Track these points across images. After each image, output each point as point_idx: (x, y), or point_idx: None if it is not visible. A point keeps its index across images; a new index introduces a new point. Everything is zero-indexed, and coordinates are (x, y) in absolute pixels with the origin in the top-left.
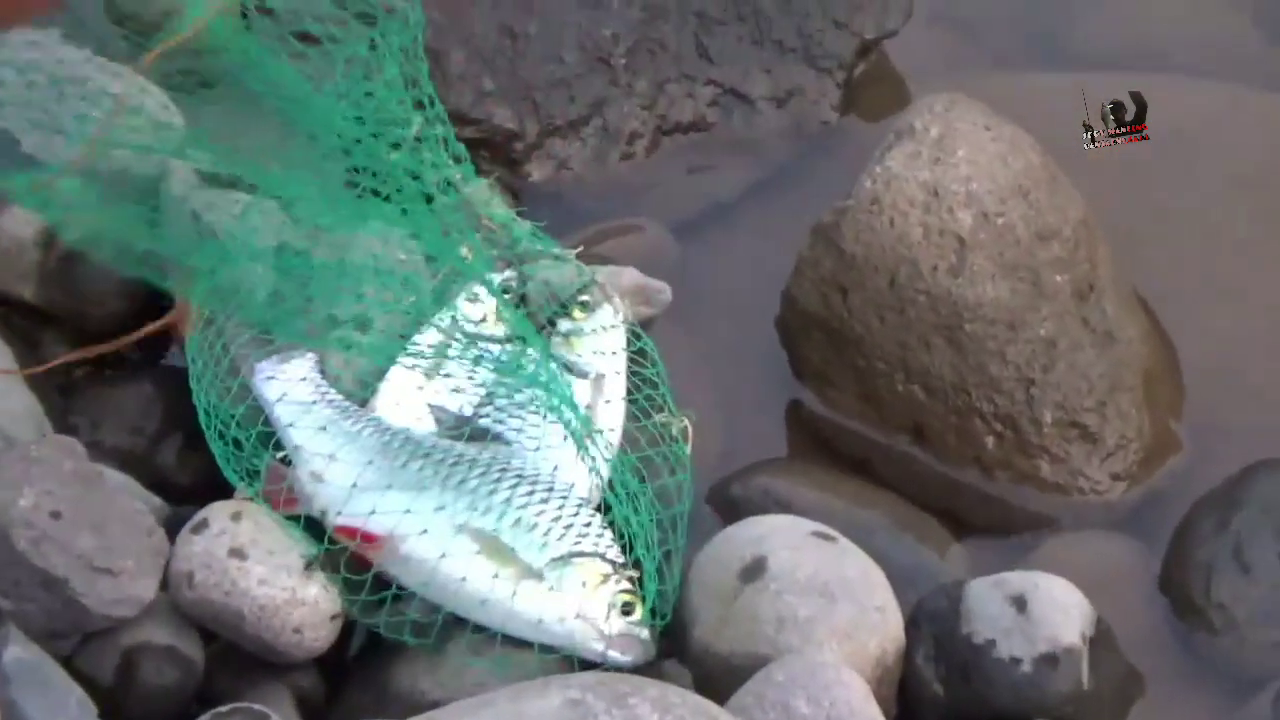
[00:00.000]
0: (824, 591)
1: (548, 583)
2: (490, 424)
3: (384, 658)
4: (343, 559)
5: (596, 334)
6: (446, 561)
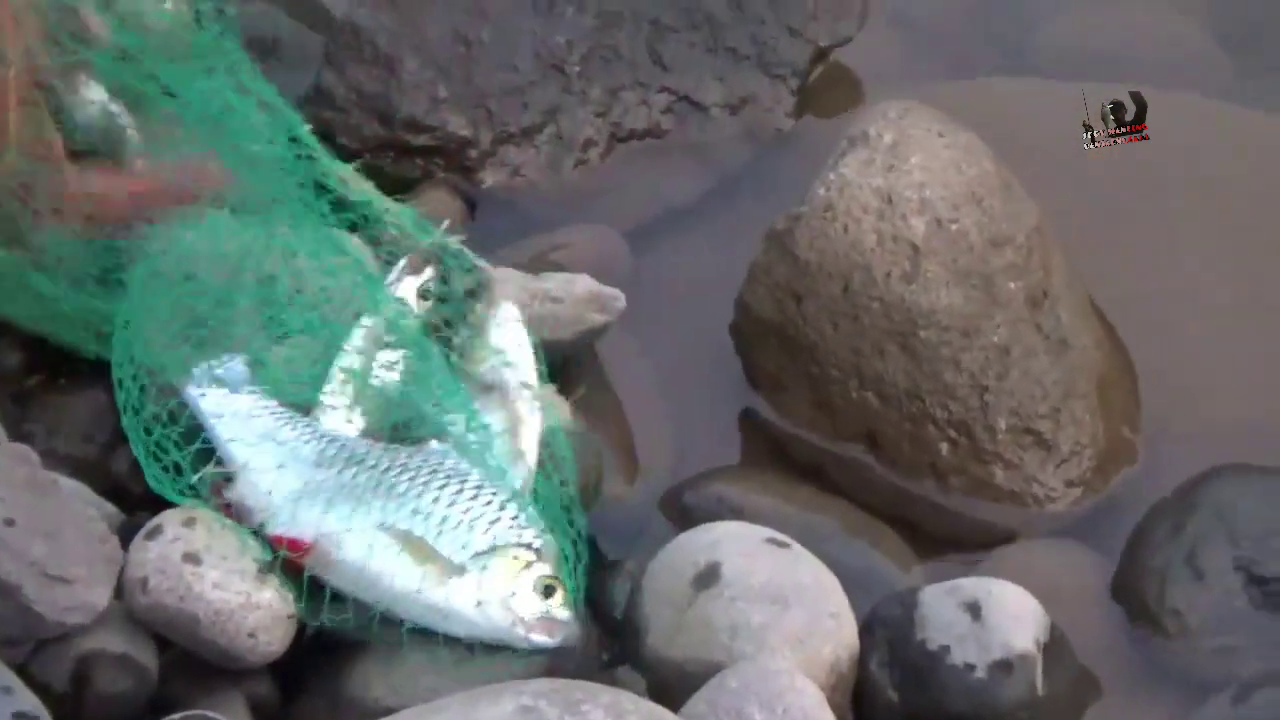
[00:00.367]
0: (777, 598)
1: (471, 577)
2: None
3: (338, 664)
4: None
5: (498, 329)
6: (373, 564)
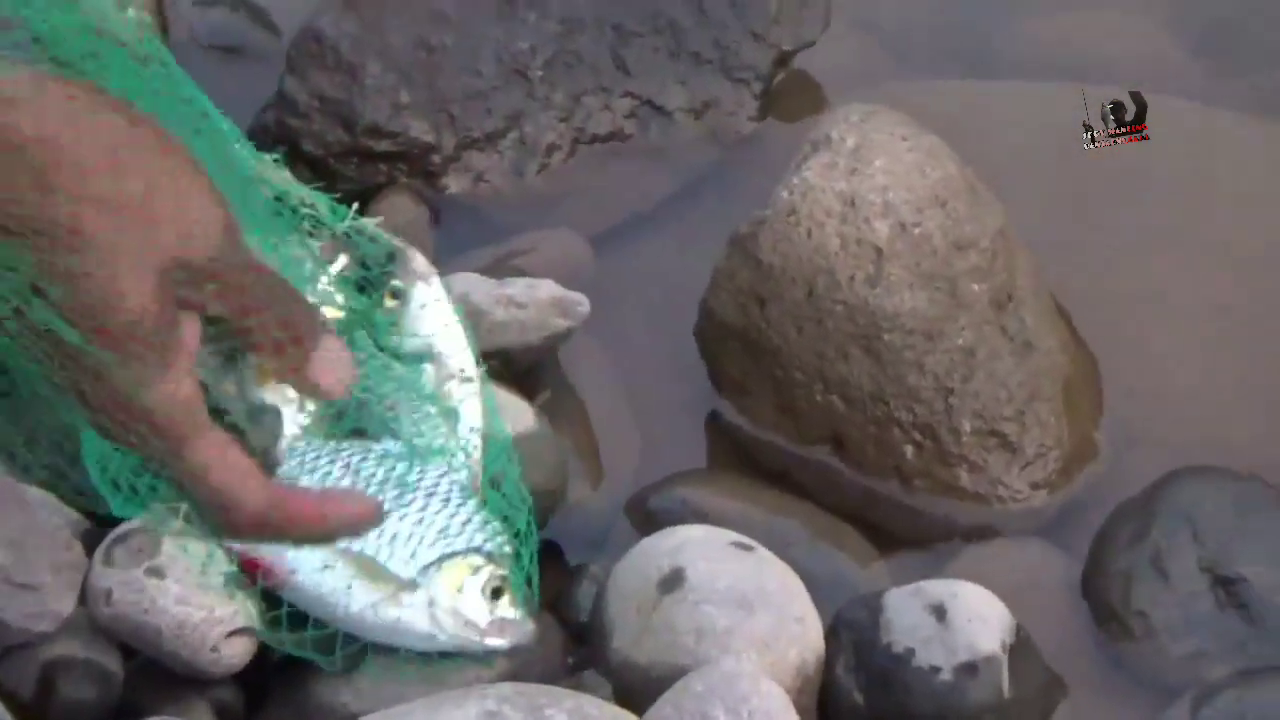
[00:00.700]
0: (743, 602)
1: (421, 592)
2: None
3: (304, 671)
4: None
5: (421, 314)
6: (326, 587)
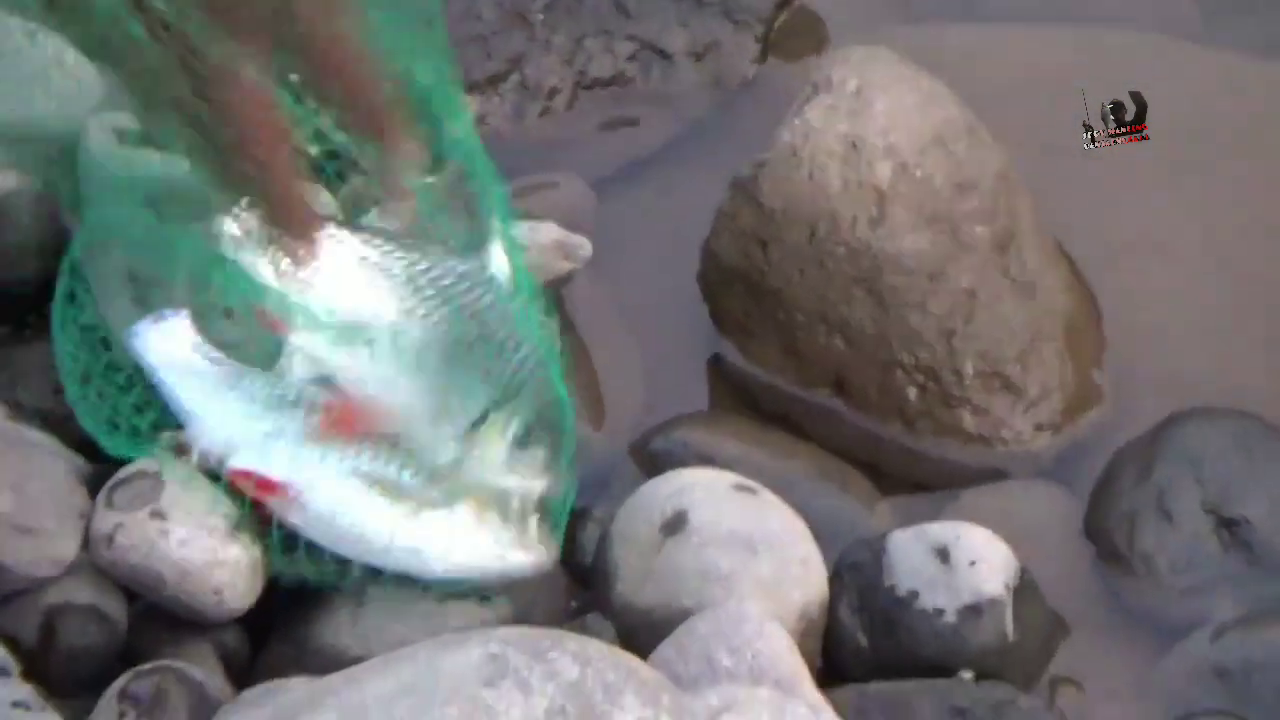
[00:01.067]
0: (746, 544)
1: (444, 509)
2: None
3: (307, 614)
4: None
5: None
6: (343, 513)
